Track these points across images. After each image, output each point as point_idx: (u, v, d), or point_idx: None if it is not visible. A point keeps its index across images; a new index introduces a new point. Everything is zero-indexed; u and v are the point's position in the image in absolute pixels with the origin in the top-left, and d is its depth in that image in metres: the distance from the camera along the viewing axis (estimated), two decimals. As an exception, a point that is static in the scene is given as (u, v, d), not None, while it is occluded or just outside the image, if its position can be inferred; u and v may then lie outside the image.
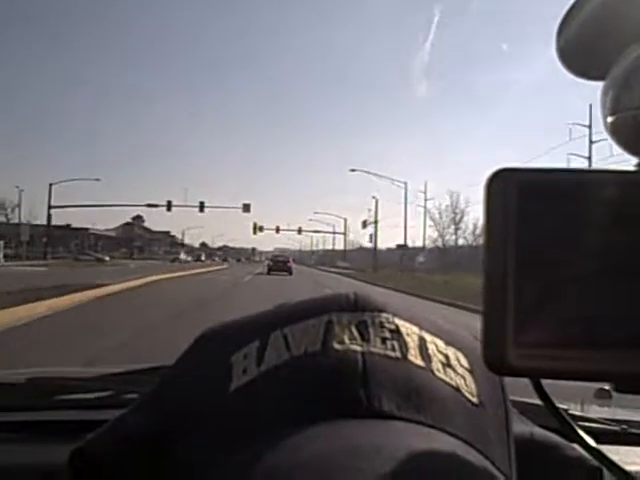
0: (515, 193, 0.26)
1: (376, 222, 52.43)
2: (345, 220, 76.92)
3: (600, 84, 0.30)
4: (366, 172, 49.62)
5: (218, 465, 0.35)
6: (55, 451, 0.59)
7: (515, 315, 0.26)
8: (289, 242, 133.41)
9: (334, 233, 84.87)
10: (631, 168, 0.28)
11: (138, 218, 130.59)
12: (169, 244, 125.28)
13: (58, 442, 0.67)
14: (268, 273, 35.94)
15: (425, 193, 51.98)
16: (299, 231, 78.13)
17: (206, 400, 0.39)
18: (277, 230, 72.97)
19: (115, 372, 0.99)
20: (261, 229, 69.00)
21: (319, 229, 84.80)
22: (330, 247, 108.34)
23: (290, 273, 36.50)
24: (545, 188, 0.27)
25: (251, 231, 61.12)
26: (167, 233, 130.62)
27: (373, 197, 54.39)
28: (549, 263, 0.26)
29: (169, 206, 49.36)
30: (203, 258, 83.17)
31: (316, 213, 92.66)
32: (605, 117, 0.29)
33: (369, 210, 61.72)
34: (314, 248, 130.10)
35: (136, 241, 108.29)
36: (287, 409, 0.36)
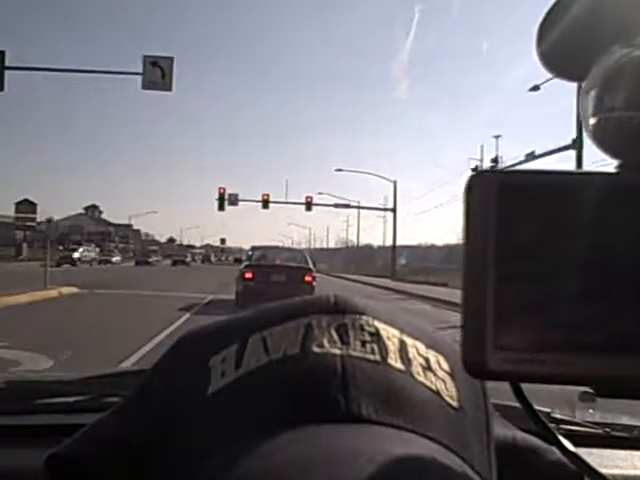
0: (495, 195, 0.26)
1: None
2: (395, 183, 39.75)
3: (581, 84, 0.29)
4: None
5: (195, 469, 0.35)
6: (33, 456, 0.60)
7: (494, 318, 0.26)
8: (279, 237, 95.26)
9: (363, 208, 46.66)
10: (612, 170, 0.28)
11: (93, 207, 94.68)
12: (131, 239, 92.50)
13: (37, 446, 0.68)
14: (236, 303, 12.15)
15: (481, 161, 31.86)
16: (308, 205, 38.71)
17: (184, 403, 0.39)
18: (265, 203, 35.99)
19: (95, 375, 0.98)
20: (234, 201, 34.73)
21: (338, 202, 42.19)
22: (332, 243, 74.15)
23: None
24: (526, 190, 0.26)
25: (244, 228, 28.61)
26: (129, 226, 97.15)
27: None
28: (529, 266, 0.26)
29: None
30: (75, 255, 41.11)
31: (338, 170, 44.22)
32: (586, 119, 0.29)
33: (481, 147, 30.83)
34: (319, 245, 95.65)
35: (74, 234, 77.94)
36: (265, 413, 0.36)
